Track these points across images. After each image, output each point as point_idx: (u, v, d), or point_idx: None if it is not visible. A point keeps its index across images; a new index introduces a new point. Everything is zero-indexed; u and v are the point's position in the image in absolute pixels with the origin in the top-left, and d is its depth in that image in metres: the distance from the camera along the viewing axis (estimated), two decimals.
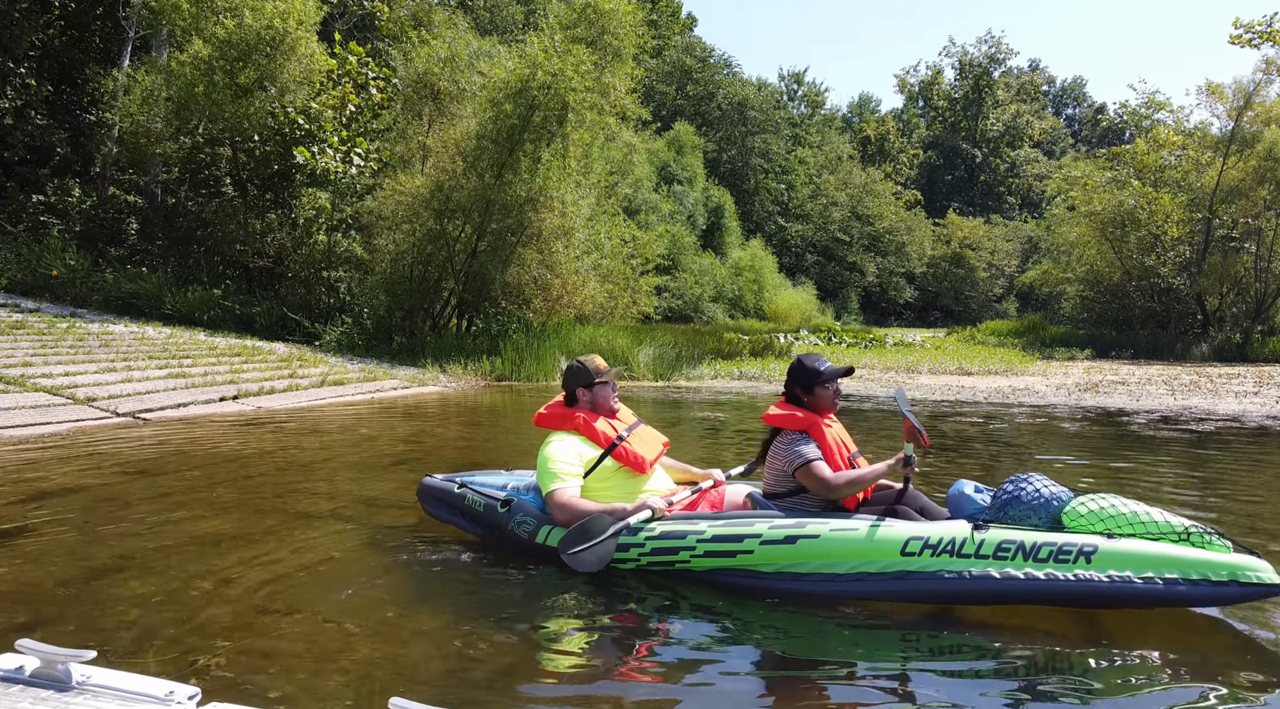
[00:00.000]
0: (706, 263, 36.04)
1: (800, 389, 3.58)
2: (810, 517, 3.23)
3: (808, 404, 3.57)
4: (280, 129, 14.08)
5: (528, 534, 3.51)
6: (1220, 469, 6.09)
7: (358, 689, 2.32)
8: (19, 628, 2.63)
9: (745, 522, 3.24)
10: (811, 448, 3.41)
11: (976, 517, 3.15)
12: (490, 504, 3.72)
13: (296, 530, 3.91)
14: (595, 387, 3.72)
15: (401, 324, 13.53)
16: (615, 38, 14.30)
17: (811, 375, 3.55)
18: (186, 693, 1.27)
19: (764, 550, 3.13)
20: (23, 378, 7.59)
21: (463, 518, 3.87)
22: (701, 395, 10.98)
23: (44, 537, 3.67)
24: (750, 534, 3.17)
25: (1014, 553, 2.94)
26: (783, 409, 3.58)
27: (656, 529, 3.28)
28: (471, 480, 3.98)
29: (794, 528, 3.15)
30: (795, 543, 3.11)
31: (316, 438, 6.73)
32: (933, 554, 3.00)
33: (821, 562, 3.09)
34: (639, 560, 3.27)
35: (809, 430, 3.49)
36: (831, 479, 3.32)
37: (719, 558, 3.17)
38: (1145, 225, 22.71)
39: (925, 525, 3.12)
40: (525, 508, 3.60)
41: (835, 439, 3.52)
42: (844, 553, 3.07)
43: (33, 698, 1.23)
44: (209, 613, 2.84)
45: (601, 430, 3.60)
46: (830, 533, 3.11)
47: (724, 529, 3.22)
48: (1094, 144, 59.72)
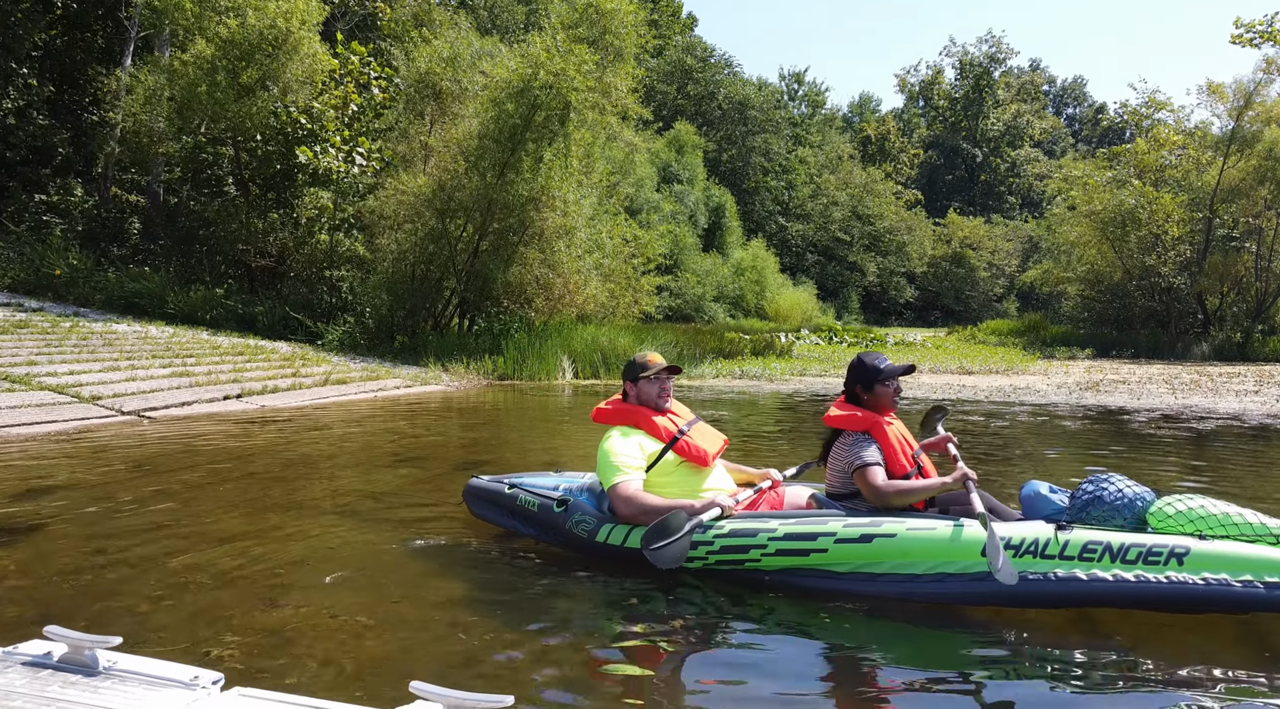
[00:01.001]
0: (709, 263, 36.07)
1: (860, 387, 3.50)
2: (886, 515, 3.15)
3: (867, 403, 3.48)
4: (282, 128, 14.10)
5: (587, 533, 3.44)
6: (1221, 468, 6.12)
7: (376, 675, 2.35)
8: (32, 621, 2.66)
9: (818, 520, 3.16)
10: (872, 451, 3.33)
11: (1056, 517, 3.06)
12: (545, 504, 3.65)
13: (303, 525, 3.94)
14: (641, 381, 3.63)
15: (404, 323, 13.56)
16: (617, 37, 14.33)
17: (871, 373, 3.47)
18: (210, 677, 1.30)
19: (839, 549, 3.05)
20: (28, 377, 7.62)
21: (513, 519, 3.81)
22: (703, 394, 11.00)
23: (54, 532, 3.70)
24: (824, 532, 3.08)
25: (1100, 554, 2.85)
26: (843, 409, 3.50)
27: (726, 527, 3.20)
28: (521, 481, 3.91)
29: (870, 526, 3.06)
30: (871, 542, 3.02)
31: (320, 436, 6.76)
32: (1015, 555, 2.91)
33: (898, 562, 3.01)
34: (707, 559, 3.19)
35: (870, 431, 3.40)
36: (883, 487, 3.23)
37: (792, 557, 3.09)
38: (1146, 225, 22.72)
39: (1006, 525, 3.02)
40: (583, 507, 3.54)
41: (898, 438, 3.44)
42: (922, 553, 2.99)
43: (62, 682, 1.26)
44: (220, 605, 2.87)
45: (662, 425, 3.54)
46: (908, 532, 3.02)
47: (797, 527, 3.14)
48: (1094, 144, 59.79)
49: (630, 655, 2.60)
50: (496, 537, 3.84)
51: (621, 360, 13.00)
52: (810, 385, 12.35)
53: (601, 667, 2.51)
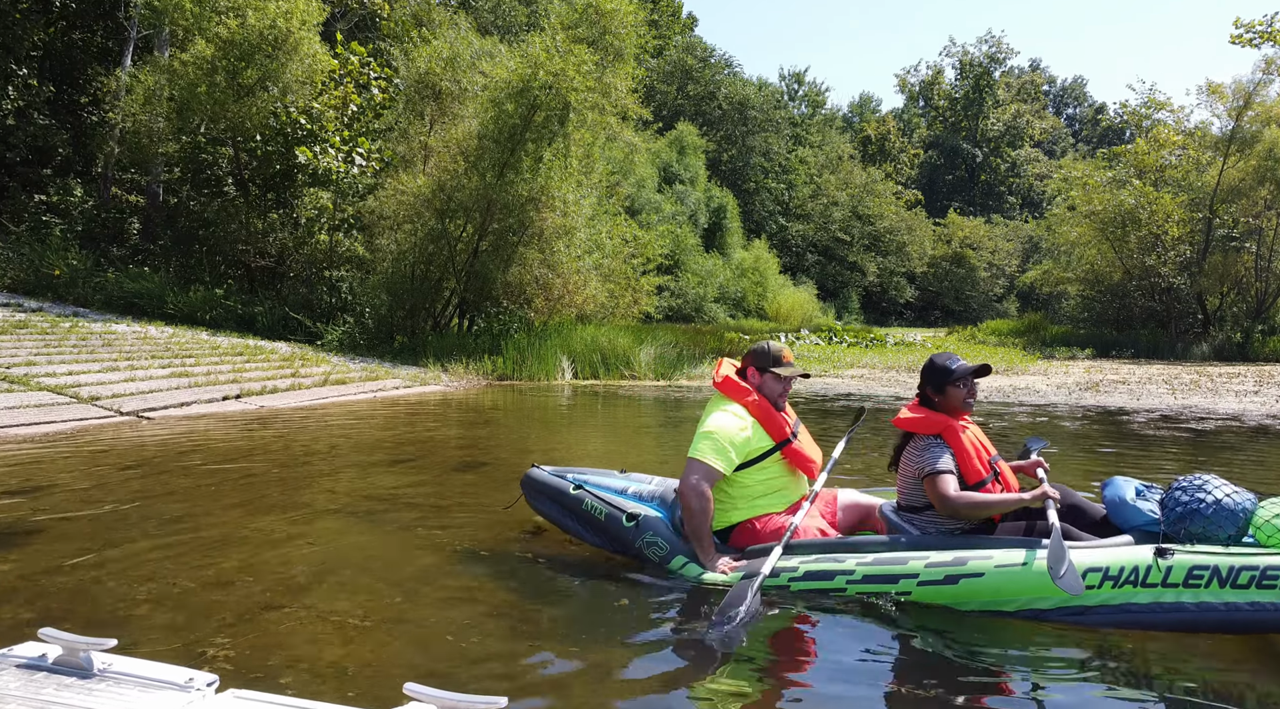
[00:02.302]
0: (710, 264, 36.08)
1: (931, 389, 3.32)
2: (969, 548, 2.94)
3: (939, 405, 3.31)
4: (282, 129, 14.10)
5: (659, 558, 3.28)
6: (1220, 468, 6.11)
7: (371, 676, 2.35)
8: (29, 623, 2.66)
9: (897, 559, 2.96)
10: (945, 457, 3.15)
11: (1144, 528, 2.88)
12: (614, 515, 3.43)
13: (301, 526, 3.94)
14: (767, 374, 3.40)
15: (403, 323, 13.56)
16: (616, 37, 14.32)
17: (942, 374, 3.30)
18: (205, 679, 1.30)
19: (922, 591, 2.88)
20: (27, 377, 7.62)
21: (575, 522, 3.61)
22: (703, 394, 11.00)
23: (51, 533, 3.70)
24: (905, 574, 2.91)
25: (1208, 579, 2.65)
26: (914, 412, 3.34)
27: (800, 569, 3.03)
28: (587, 480, 3.72)
29: (955, 566, 2.86)
30: (957, 583, 2.84)
31: (319, 436, 6.76)
32: (1114, 586, 2.74)
33: (988, 601, 2.83)
34: (789, 586, 3.05)
35: (943, 434, 3.22)
36: (954, 497, 3.04)
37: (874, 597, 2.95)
38: (1146, 225, 22.72)
39: (1100, 553, 2.82)
40: (656, 527, 3.34)
41: (972, 442, 3.26)
42: (1013, 590, 2.80)
43: (56, 685, 1.26)
44: (218, 606, 2.87)
45: (778, 422, 3.37)
46: (996, 570, 2.82)
47: (875, 569, 2.95)
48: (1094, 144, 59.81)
49: (627, 660, 2.59)
50: (495, 538, 3.84)
51: (621, 361, 13.00)
52: (809, 385, 12.35)
53: (597, 670, 2.50)
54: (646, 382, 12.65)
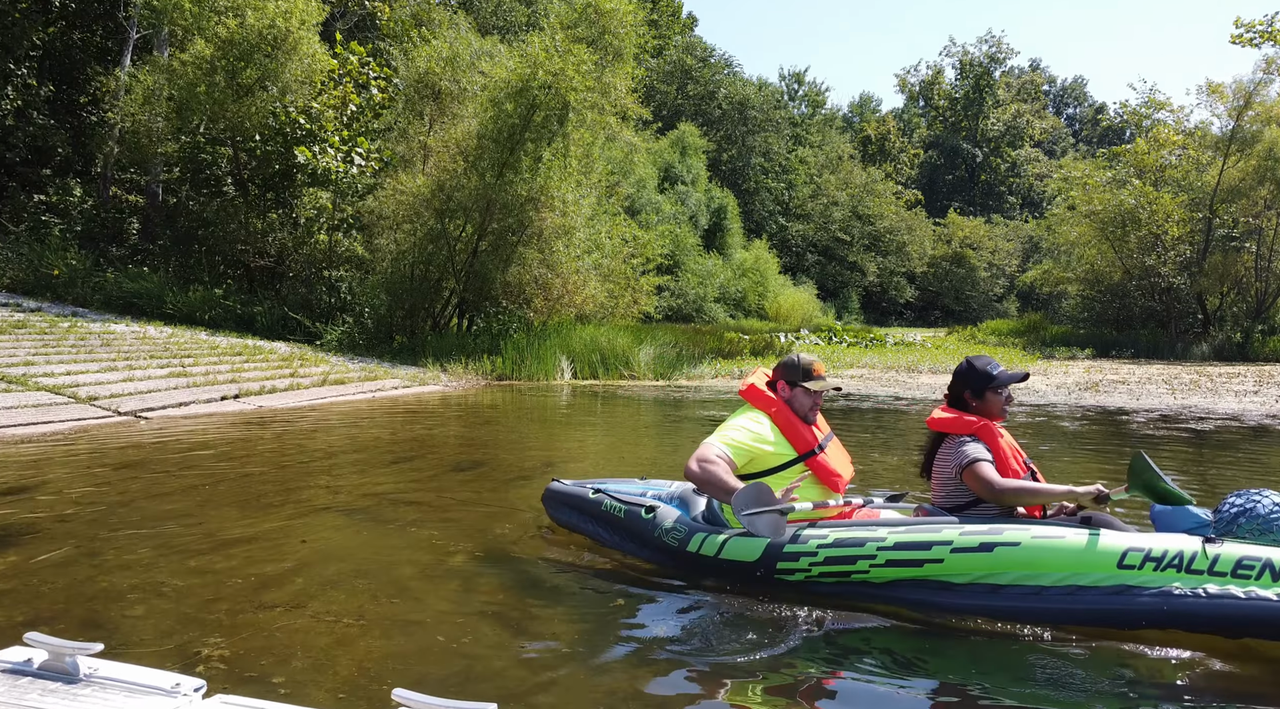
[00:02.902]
0: (710, 264, 36.08)
1: (970, 392, 3.24)
2: (1007, 521, 2.89)
3: (975, 410, 3.24)
4: (281, 129, 14.10)
5: (677, 542, 3.25)
6: (1220, 468, 6.10)
7: (361, 681, 2.33)
8: (22, 624, 2.65)
9: (932, 527, 2.91)
10: (979, 448, 3.09)
11: (1194, 530, 2.77)
12: (632, 511, 3.47)
13: (298, 527, 3.93)
14: (798, 388, 3.34)
15: (402, 323, 13.55)
16: (616, 37, 14.32)
17: (983, 379, 3.21)
18: (192, 685, 1.29)
19: (956, 559, 2.80)
20: (25, 377, 7.61)
21: (596, 524, 3.65)
22: (702, 394, 10.99)
23: (46, 534, 3.68)
24: (939, 541, 2.84)
25: (1259, 571, 2.52)
26: (948, 413, 3.26)
27: (830, 536, 2.96)
28: (606, 486, 3.78)
29: (990, 534, 2.80)
30: (993, 551, 2.77)
31: (317, 436, 6.75)
32: (1156, 568, 2.63)
33: (1024, 572, 2.75)
34: (810, 571, 2.97)
35: (978, 433, 3.15)
36: (998, 482, 2.98)
37: (904, 567, 2.87)
38: (1146, 225, 22.72)
39: (1144, 536, 2.74)
40: (672, 515, 3.38)
41: (1009, 447, 3.19)
42: (1050, 563, 2.72)
43: (41, 690, 1.25)
44: (212, 607, 2.85)
45: (802, 433, 3.30)
46: (1033, 541, 2.76)
47: (908, 536, 2.89)
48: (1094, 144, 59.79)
49: (623, 664, 2.57)
50: (492, 539, 3.82)
51: (620, 361, 12.99)
52: None
53: (592, 674, 2.49)
54: (646, 382, 12.64)
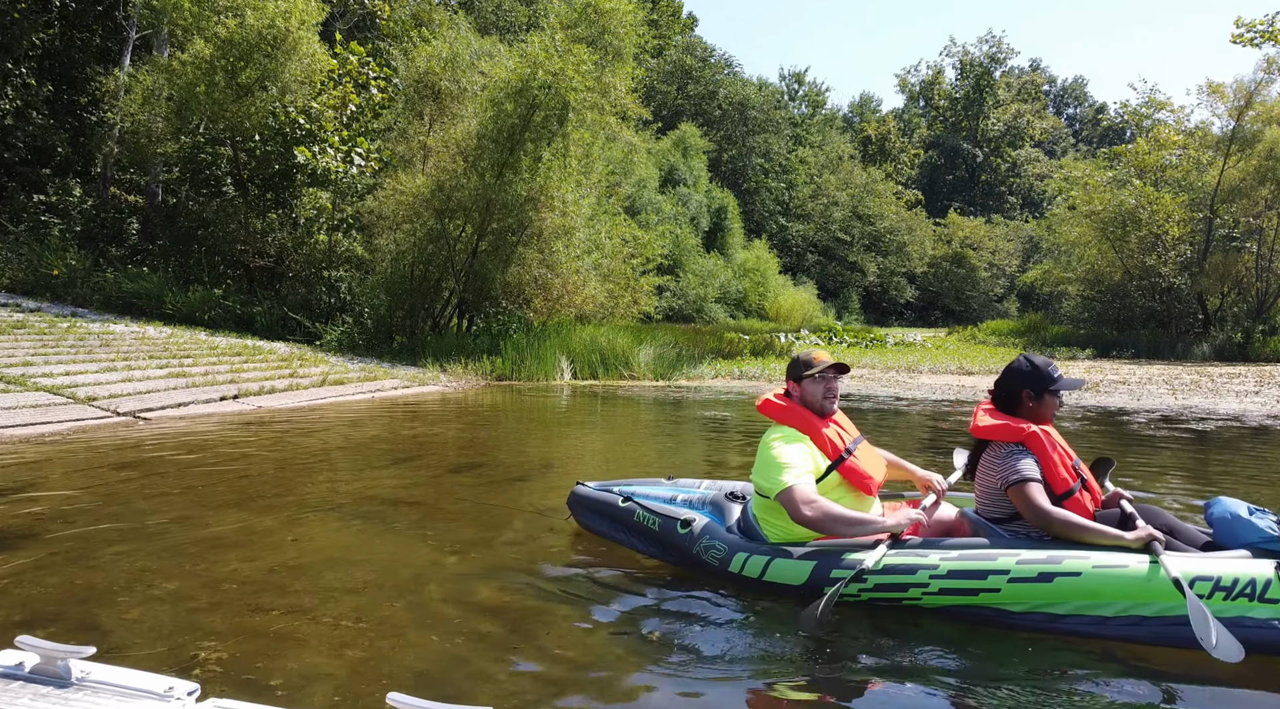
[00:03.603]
0: (711, 264, 36.08)
1: (1030, 392, 3.10)
2: (1065, 548, 2.78)
3: (1028, 412, 3.10)
4: (281, 129, 14.09)
5: (718, 561, 3.16)
6: (1221, 468, 6.09)
7: (356, 684, 2.32)
8: (19, 625, 2.64)
9: (986, 555, 2.80)
10: (1029, 464, 2.96)
11: (1261, 545, 2.64)
12: (668, 524, 3.38)
13: (295, 528, 3.91)
14: (805, 380, 3.27)
15: (402, 323, 13.53)
16: (616, 37, 14.31)
17: (1045, 380, 3.08)
18: (186, 688, 1.27)
19: (1014, 589, 2.72)
20: (23, 377, 7.60)
21: (628, 534, 3.57)
22: (702, 395, 10.98)
23: (44, 535, 3.67)
24: (995, 570, 2.74)
25: None
26: (996, 418, 3.10)
27: (879, 562, 2.89)
28: (634, 491, 3.69)
29: (1049, 564, 2.70)
30: (1052, 581, 2.68)
31: (316, 437, 6.74)
32: (1226, 597, 2.52)
33: (1085, 603, 2.66)
34: (858, 596, 2.91)
35: (1026, 442, 3.02)
36: (1049, 511, 2.85)
37: (959, 596, 2.78)
38: (1146, 225, 22.70)
39: (1210, 562, 2.62)
40: (713, 531, 3.27)
41: (1057, 448, 3.06)
42: (1113, 593, 2.63)
43: (33, 694, 1.23)
44: (208, 609, 2.84)
45: (829, 438, 3.22)
46: (1094, 570, 2.65)
47: (962, 564, 2.79)
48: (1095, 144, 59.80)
49: (623, 669, 2.56)
50: (492, 540, 3.81)
51: (620, 361, 12.97)
52: None
53: (590, 679, 2.47)
54: (646, 382, 12.62)
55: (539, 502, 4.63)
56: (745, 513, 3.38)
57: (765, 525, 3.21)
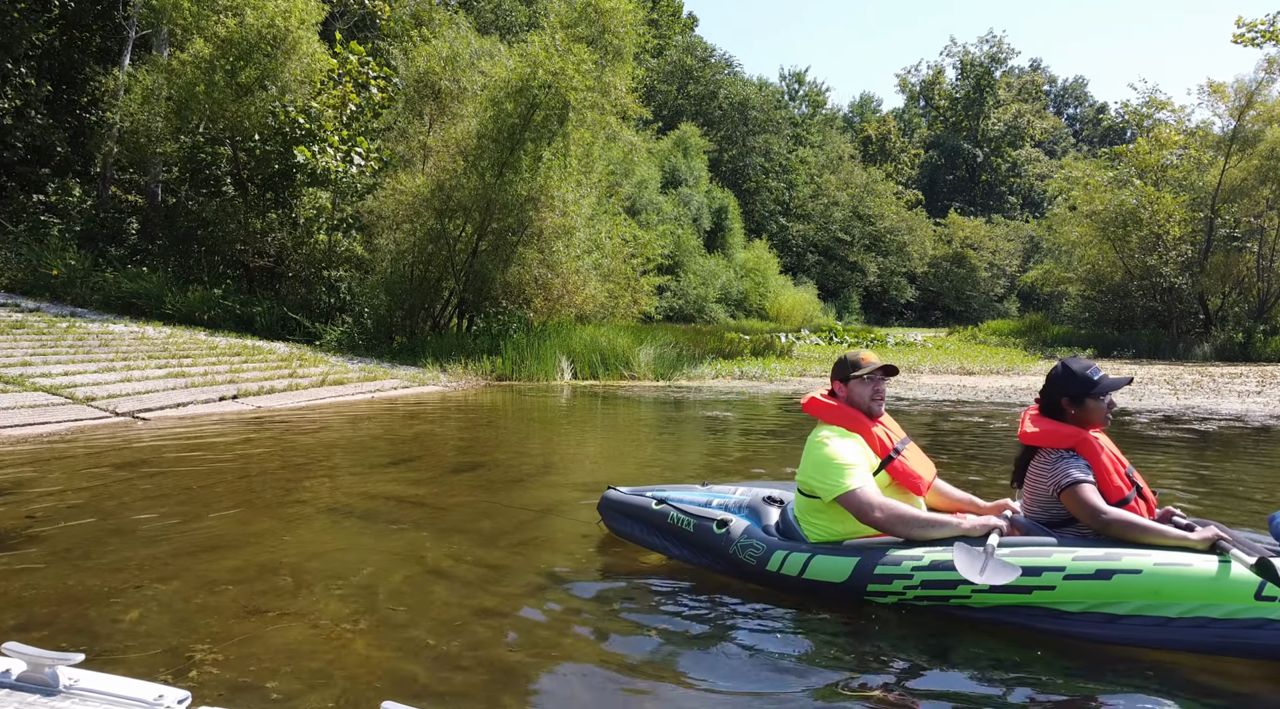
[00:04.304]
0: (712, 264, 36.07)
1: (1068, 399, 3.00)
2: (1123, 545, 2.67)
3: (1073, 418, 3.00)
4: (281, 128, 14.06)
5: (755, 560, 3.09)
6: (1224, 469, 6.06)
7: (350, 693, 2.29)
8: (11, 629, 2.60)
9: (1040, 552, 2.70)
10: (1081, 468, 2.87)
11: None
12: (703, 525, 3.32)
13: (293, 530, 3.88)
14: (852, 381, 3.21)
15: (402, 323, 13.51)
16: (616, 37, 14.30)
17: (1084, 384, 2.97)
18: (176, 697, 1.24)
19: (1070, 586, 2.61)
20: (22, 377, 7.57)
21: (663, 538, 3.49)
22: (703, 395, 10.95)
23: (40, 537, 3.64)
24: (1049, 566, 2.64)
25: None
26: (1039, 424, 3.02)
27: (925, 557, 2.78)
28: (667, 496, 3.63)
29: (1106, 560, 2.59)
30: (1111, 579, 2.57)
31: (316, 437, 6.71)
32: None
33: (1146, 602, 2.54)
34: (903, 594, 2.81)
35: (1078, 448, 2.94)
36: (1105, 511, 2.75)
37: (1011, 594, 2.68)
38: (1147, 225, 22.68)
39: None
40: (750, 531, 3.21)
41: (1111, 459, 2.94)
42: (1177, 593, 2.51)
43: (19, 702, 1.21)
44: (203, 614, 2.81)
45: (879, 436, 3.15)
46: (1156, 568, 2.54)
47: (1015, 557, 2.68)
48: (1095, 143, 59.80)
49: (624, 673, 2.53)
50: (493, 542, 3.78)
51: (620, 361, 12.94)
52: (810, 386, 12.29)
53: (591, 685, 2.44)
54: (646, 382, 12.59)
55: (540, 502, 4.60)
56: (784, 515, 3.31)
57: (807, 526, 3.14)
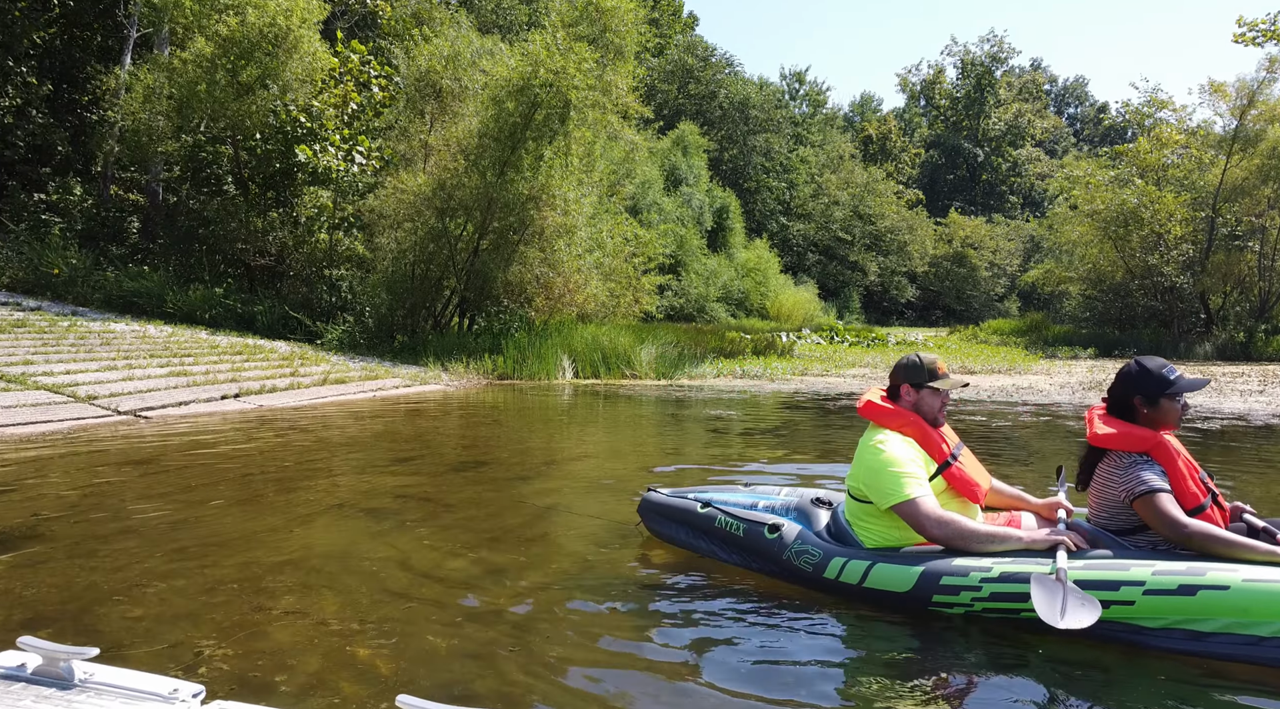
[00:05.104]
0: (713, 263, 36.06)
1: (1141, 398, 2.86)
2: (1207, 558, 2.54)
3: (1145, 419, 2.85)
4: (282, 127, 14.06)
5: (811, 566, 2.98)
6: (1226, 468, 6.05)
7: (364, 686, 2.29)
8: (21, 626, 2.61)
9: (1118, 565, 2.56)
10: (1156, 474, 2.73)
11: None
12: (754, 529, 3.21)
13: (298, 527, 3.88)
14: (924, 389, 3.11)
15: (403, 322, 13.51)
16: (617, 35, 14.30)
17: (1159, 384, 2.83)
18: (191, 690, 1.24)
19: (1150, 602, 2.48)
20: (24, 376, 7.57)
21: (709, 542, 3.40)
22: (705, 394, 10.95)
23: (45, 535, 3.64)
24: (1129, 580, 2.50)
25: None
26: (1112, 426, 2.86)
27: (994, 569, 2.66)
28: (712, 498, 3.55)
29: (1190, 575, 2.45)
30: (1195, 595, 2.43)
31: (319, 435, 6.71)
32: None
33: (1235, 620, 2.41)
34: (970, 605, 2.68)
35: (1152, 452, 2.79)
36: (1185, 522, 2.60)
37: None
38: (1148, 224, 22.68)
39: None
40: (804, 536, 3.10)
41: (1186, 464, 2.81)
42: (1269, 611, 2.37)
43: (35, 696, 1.20)
44: (211, 610, 2.81)
45: (937, 442, 3.06)
46: (1245, 584, 2.40)
47: (1089, 573, 2.55)
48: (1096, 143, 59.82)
49: (632, 669, 2.53)
50: (496, 539, 3.78)
51: (621, 360, 12.94)
52: (811, 385, 12.29)
53: (600, 680, 2.44)
54: (647, 381, 12.59)
55: (544, 499, 4.61)
56: (835, 518, 3.23)
57: (861, 531, 3.05)
